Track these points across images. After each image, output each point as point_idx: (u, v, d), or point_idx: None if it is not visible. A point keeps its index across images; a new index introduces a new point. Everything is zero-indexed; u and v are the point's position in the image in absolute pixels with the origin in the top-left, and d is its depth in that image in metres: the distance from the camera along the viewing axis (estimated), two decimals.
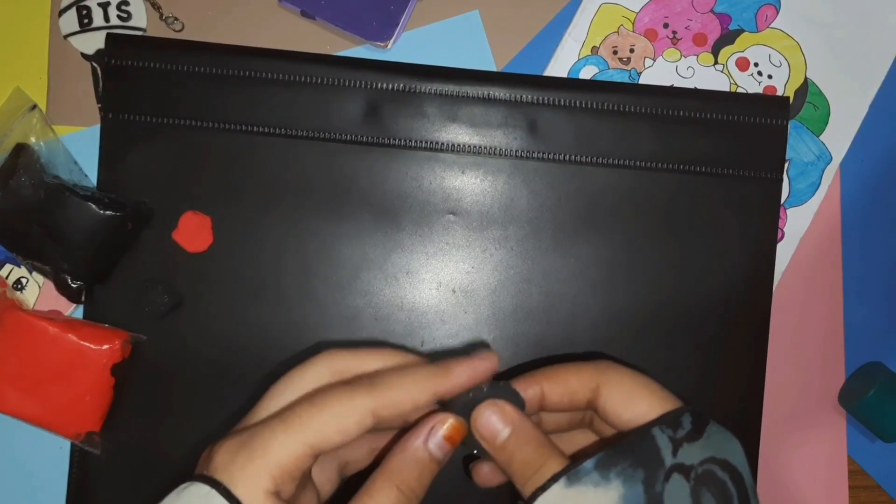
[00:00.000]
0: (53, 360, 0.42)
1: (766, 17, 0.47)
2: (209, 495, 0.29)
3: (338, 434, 0.31)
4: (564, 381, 0.35)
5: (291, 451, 0.30)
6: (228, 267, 0.44)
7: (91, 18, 0.46)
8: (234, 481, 0.30)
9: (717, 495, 0.31)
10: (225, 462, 0.30)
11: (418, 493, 0.32)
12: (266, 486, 0.30)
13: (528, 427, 0.34)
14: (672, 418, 0.32)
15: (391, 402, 0.32)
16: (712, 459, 0.32)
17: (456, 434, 0.33)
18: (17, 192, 0.42)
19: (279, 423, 0.31)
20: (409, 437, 0.33)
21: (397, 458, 0.32)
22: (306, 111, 0.44)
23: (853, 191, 0.48)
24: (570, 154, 0.44)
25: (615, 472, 0.31)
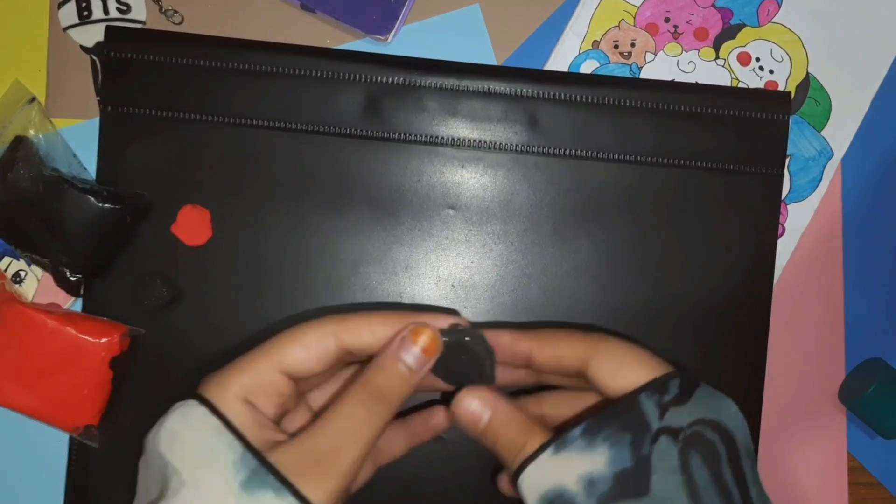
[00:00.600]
0: (52, 354, 0.42)
1: (767, 12, 0.47)
2: (189, 404, 0.33)
3: (301, 351, 0.34)
4: (555, 346, 0.36)
5: (262, 367, 0.34)
6: (227, 261, 0.44)
7: (90, 11, 0.46)
8: (210, 392, 0.33)
9: (706, 455, 0.32)
10: (206, 382, 0.34)
11: (391, 401, 0.34)
12: (236, 392, 0.33)
13: (508, 408, 0.35)
14: (659, 384, 0.33)
15: (353, 328, 0.34)
16: (701, 421, 0.32)
17: (432, 344, 0.34)
18: (15, 185, 0.42)
19: (256, 350, 0.35)
20: (384, 348, 0.35)
21: (370, 366, 0.34)
22: (306, 104, 0.44)
23: (854, 186, 0.48)
24: (571, 148, 0.44)
25: (601, 438, 0.32)
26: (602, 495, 0.31)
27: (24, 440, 0.45)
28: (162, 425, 0.33)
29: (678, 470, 0.31)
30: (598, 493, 0.31)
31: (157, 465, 0.33)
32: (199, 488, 0.31)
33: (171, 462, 0.32)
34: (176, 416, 0.33)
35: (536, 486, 0.32)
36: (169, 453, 0.32)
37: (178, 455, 0.32)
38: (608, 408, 0.33)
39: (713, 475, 0.31)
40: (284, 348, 0.34)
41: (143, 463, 0.34)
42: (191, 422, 0.32)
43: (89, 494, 0.44)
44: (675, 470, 0.31)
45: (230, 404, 0.33)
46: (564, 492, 0.31)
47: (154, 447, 0.33)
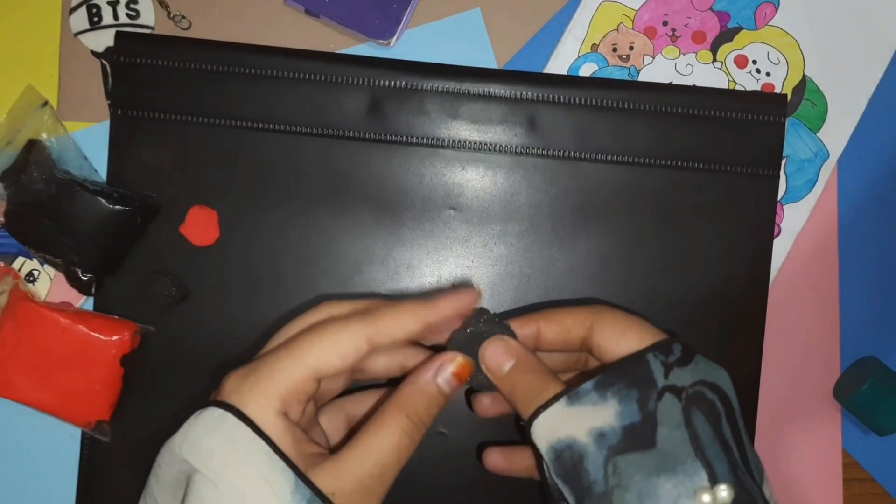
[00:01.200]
0: (64, 351, 0.43)
1: (764, 15, 0.48)
2: (223, 417, 0.32)
3: (337, 358, 0.33)
4: (560, 321, 0.37)
5: (296, 374, 0.33)
6: (234, 260, 0.45)
7: (101, 17, 0.47)
8: (245, 402, 0.32)
9: (707, 413, 0.33)
10: (235, 387, 0.33)
11: (426, 423, 0.35)
12: (275, 405, 0.32)
13: (531, 358, 0.36)
14: (664, 345, 0.35)
15: (384, 328, 0.34)
16: (702, 382, 0.34)
17: (463, 371, 0.36)
18: (29, 187, 0.43)
19: (283, 351, 0.34)
20: (420, 371, 0.36)
21: (408, 389, 0.35)
22: (310, 108, 0.45)
23: (850, 188, 0.48)
24: (570, 150, 0.45)
25: (612, 392, 0.33)
26: (611, 447, 0.32)
27: (39, 434, 0.46)
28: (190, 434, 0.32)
29: (682, 425, 0.32)
30: (608, 444, 0.32)
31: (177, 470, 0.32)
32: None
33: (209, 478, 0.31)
34: (209, 429, 0.32)
35: (548, 436, 0.33)
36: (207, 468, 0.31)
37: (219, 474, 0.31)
38: (618, 363, 0.34)
39: (714, 431, 0.33)
40: (316, 352, 0.33)
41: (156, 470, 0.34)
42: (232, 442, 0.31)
43: (101, 487, 0.45)
44: (679, 425, 0.32)
45: (272, 422, 0.32)
46: (575, 443, 0.33)
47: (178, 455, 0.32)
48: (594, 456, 0.32)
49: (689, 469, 0.31)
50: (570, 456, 0.33)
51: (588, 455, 0.32)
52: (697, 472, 0.31)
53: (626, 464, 0.32)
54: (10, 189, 0.43)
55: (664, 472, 0.31)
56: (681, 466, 0.32)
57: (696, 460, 0.32)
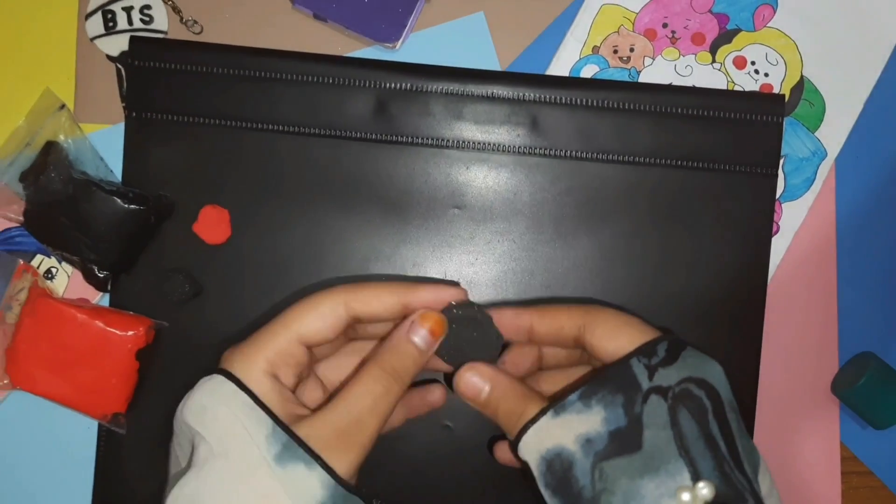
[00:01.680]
0: (82, 345, 0.44)
1: (763, 17, 0.48)
2: (218, 380, 0.35)
3: (318, 320, 0.36)
4: (553, 317, 0.38)
5: (281, 338, 0.36)
6: (245, 258, 0.46)
7: (115, 22, 0.48)
8: (233, 364, 0.35)
9: (693, 409, 0.33)
10: (230, 356, 0.36)
11: (402, 376, 0.36)
12: (261, 366, 0.35)
13: (506, 380, 0.37)
14: (648, 348, 0.35)
15: (362, 297, 0.37)
16: (688, 379, 0.34)
17: (437, 327, 0.37)
18: (47, 187, 0.43)
19: (272, 322, 0.37)
20: (395, 330, 0.37)
21: (383, 346, 0.37)
22: (318, 109, 0.45)
23: (848, 186, 0.49)
24: (571, 150, 0.46)
25: (596, 400, 0.34)
26: (598, 452, 0.33)
27: (57, 426, 0.47)
28: (190, 399, 0.35)
29: (668, 425, 0.33)
30: (594, 450, 0.33)
31: (186, 437, 0.35)
32: (231, 459, 0.33)
33: (200, 433, 0.34)
34: (204, 391, 0.35)
35: (536, 447, 0.34)
36: (198, 425, 0.34)
37: (209, 427, 0.34)
38: (601, 372, 0.35)
39: (700, 427, 0.33)
40: (301, 319, 0.36)
41: (175, 437, 0.36)
42: (219, 397, 0.34)
43: (117, 476, 0.46)
44: (665, 425, 0.33)
45: (256, 379, 0.35)
46: (563, 450, 0.33)
47: (183, 420, 0.35)
48: (582, 462, 0.33)
49: (671, 468, 0.32)
50: (559, 464, 0.33)
51: (576, 462, 0.33)
52: (680, 470, 0.32)
53: (612, 468, 0.32)
54: (29, 189, 0.44)
55: (648, 473, 0.32)
56: (664, 466, 0.32)
57: (679, 459, 0.32)
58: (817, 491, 0.48)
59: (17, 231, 0.47)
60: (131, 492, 0.46)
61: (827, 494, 0.48)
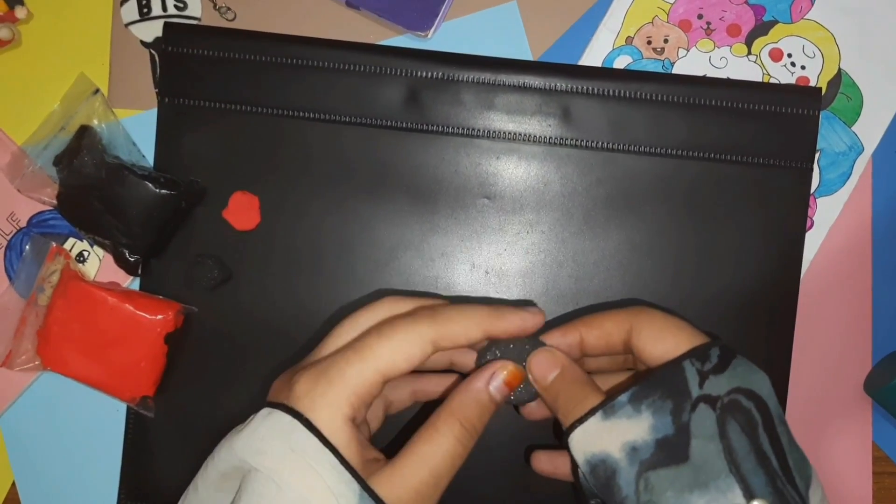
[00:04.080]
0: (112, 328, 0.44)
1: (800, 9, 0.48)
2: (292, 424, 0.32)
3: (405, 361, 0.34)
4: (600, 326, 0.38)
5: (366, 378, 0.33)
6: (274, 244, 0.46)
7: (150, 8, 0.48)
8: (315, 409, 0.33)
9: (742, 422, 0.33)
10: (306, 391, 0.33)
11: (478, 430, 0.35)
12: (345, 412, 0.33)
13: (575, 369, 0.37)
14: (701, 352, 0.34)
15: (449, 333, 0.35)
16: (738, 389, 0.33)
17: (514, 379, 0.36)
18: (80, 171, 0.44)
19: (353, 353, 0.34)
20: (472, 379, 0.36)
21: (460, 396, 0.35)
22: (349, 97, 0.46)
23: (885, 181, 0.48)
24: (603, 141, 0.45)
25: (646, 405, 0.33)
26: (644, 461, 0.32)
27: (86, 408, 0.48)
28: (255, 435, 0.33)
29: (716, 436, 0.32)
30: (639, 459, 0.32)
31: (232, 466, 0.33)
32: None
33: (273, 480, 0.31)
34: (274, 432, 0.32)
35: (583, 449, 0.34)
36: (270, 470, 0.32)
37: (285, 477, 0.31)
38: (654, 374, 0.34)
39: (751, 442, 0.32)
40: (385, 354, 0.34)
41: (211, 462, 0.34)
42: (301, 448, 0.32)
43: (144, 459, 0.46)
44: (713, 437, 0.32)
45: (339, 429, 0.32)
46: (608, 458, 0.33)
47: (240, 456, 0.33)
48: (626, 472, 0.32)
49: (722, 485, 0.31)
50: (603, 470, 0.33)
51: (620, 470, 0.32)
52: (731, 487, 0.31)
53: (658, 479, 0.32)
54: (63, 173, 0.45)
55: (697, 488, 0.31)
56: (714, 482, 0.31)
57: (729, 475, 0.31)
58: (848, 491, 0.48)
59: (51, 214, 0.48)
60: (159, 474, 0.46)
61: (858, 494, 0.48)
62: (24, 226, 0.48)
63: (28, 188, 0.46)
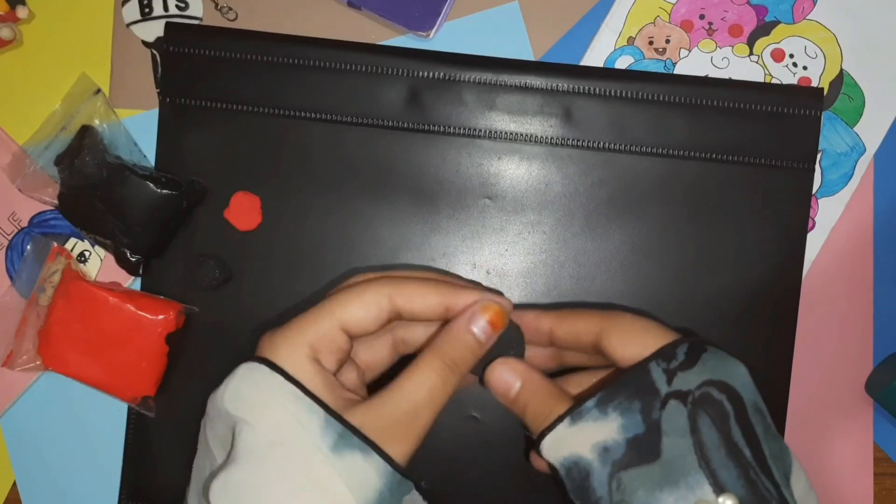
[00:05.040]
0: (113, 328, 0.44)
1: (802, 10, 0.48)
2: (255, 367, 0.34)
3: (361, 310, 0.35)
4: (572, 323, 0.38)
5: (323, 325, 0.35)
6: (275, 245, 0.46)
7: (151, 8, 0.48)
8: (275, 351, 0.34)
9: (714, 415, 0.33)
10: (268, 341, 0.35)
11: (460, 368, 0.36)
12: (304, 351, 0.34)
13: (537, 378, 0.37)
14: (666, 351, 0.34)
15: (406, 291, 0.36)
16: (709, 382, 0.33)
17: (497, 318, 0.36)
18: (81, 171, 0.44)
19: (313, 308, 0.36)
20: (456, 320, 0.36)
21: (443, 336, 0.36)
22: (351, 97, 0.45)
23: (887, 182, 0.48)
24: (605, 142, 0.45)
25: (612, 407, 0.33)
26: (616, 462, 0.32)
27: (87, 408, 0.48)
28: (230, 386, 0.34)
29: (687, 432, 0.32)
30: (611, 459, 0.32)
31: (224, 425, 0.34)
32: (285, 448, 0.32)
33: (246, 421, 0.33)
34: (245, 379, 0.34)
35: (556, 455, 0.34)
36: (243, 414, 0.33)
37: (256, 417, 0.33)
38: (619, 378, 0.34)
39: (722, 435, 0.32)
40: (344, 306, 0.35)
41: (207, 422, 0.36)
42: (264, 385, 0.33)
43: (145, 459, 0.46)
44: (684, 432, 0.32)
45: (300, 365, 0.34)
46: (580, 459, 0.33)
47: (222, 407, 0.34)
48: (599, 472, 0.33)
49: (691, 481, 0.31)
50: (577, 472, 0.33)
51: (593, 472, 0.33)
52: (700, 483, 0.31)
53: (630, 479, 0.32)
54: (64, 173, 0.45)
55: (667, 486, 0.31)
56: (684, 479, 0.31)
57: (699, 471, 0.31)
58: (849, 492, 0.48)
59: (52, 214, 0.48)
60: (159, 474, 0.46)
61: (859, 495, 0.48)
62: (25, 226, 0.48)
63: (29, 188, 0.46)
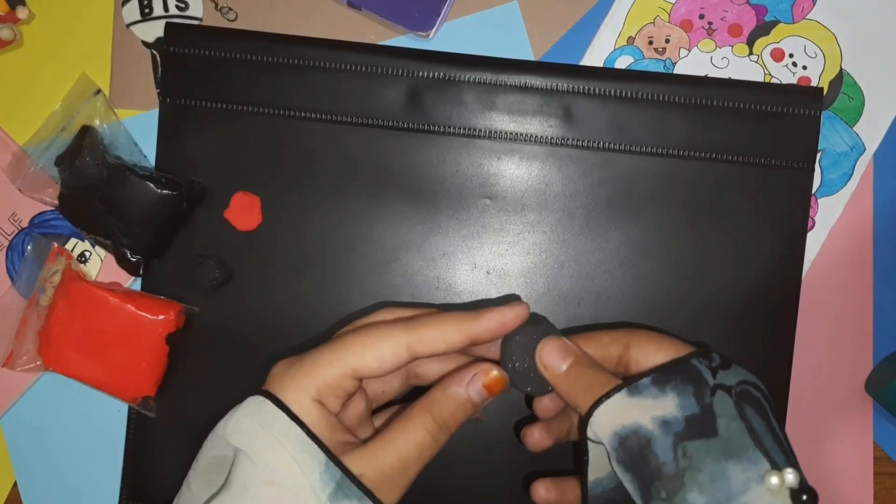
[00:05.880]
0: (113, 329, 0.44)
1: (802, 9, 0.48)
2: (262, 403, 0.34)
3: (375, 360, 0.35)
4: (598, 339, 0.39)
5: (334, 369, 0.35)
6: (276, 245, 0.46)
7: (151, 8, 0.48)
8: (284, 388, 0.34)
9: (756, 407, 0.35)
10: (278, 374, 0.35)
11: (450, 427, 0.36)
12: (311, 394, 0.34)
13: (587, 357, 0.38)
14: (705, 353, 0.36)
15: (425, 338, 0.35)
16: (745, 381, 0.36)
17: (495, 385, 0.36)
18: (82, 172, 0.44)
19: (327, 346, 0.36)
20: (451, 378, 0.36)
21: (437, 393, 0.36)
22: (351, 97, 0.46)
23: (886, 182, 0.48)
24: (605, 141, 0.46)
25: (670, 387, 0.35)
26: (678, 433, 0.33)
27: (88, 408, 0.48)
28: (234, 418, 0.34)
29: (738, 417, 0.34)
30: (673, 431, 0.33)
31: (224, 454, 0.34)
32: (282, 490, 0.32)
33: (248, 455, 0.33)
34: (251, 414, 0.34)
35: (611, 423, 0.34)
36: (245, 447, 0.33)
37: (257, 453, 0.33)
38: (668, 364, 0.36)
39: (766, 424, 0.34)
40: (358, 354, 0.35)
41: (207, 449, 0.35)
42: (269, 424, 0.33)
43: (145, 459, 0.46)
44: (735, 417, 0.34)
45: (308, 408, 0.34)
46: (640, 428, 0.34)
47: (224, 438, 0.34)
48: (662, 440, 0.33)
49: (752, 457, 0.33)
50: (636, 441, 0.34)
51: (655, 439, 0.33)
52: (759, 459, 0.33)
53: (695, 448, 0.33)
54: (64, 173, 0.45)
55: (731, 458, 0.33)
56: (745, 454, 0.33)
57: (756, 449, 0.33)
58: (849, 491, 0.48)
59: (52, 214, 0.48)
60: (160, 474, 0.46)
61: (858, 494, 0.48)
62: (25, 226, 0.48)
63: (29, 188, 0.46)
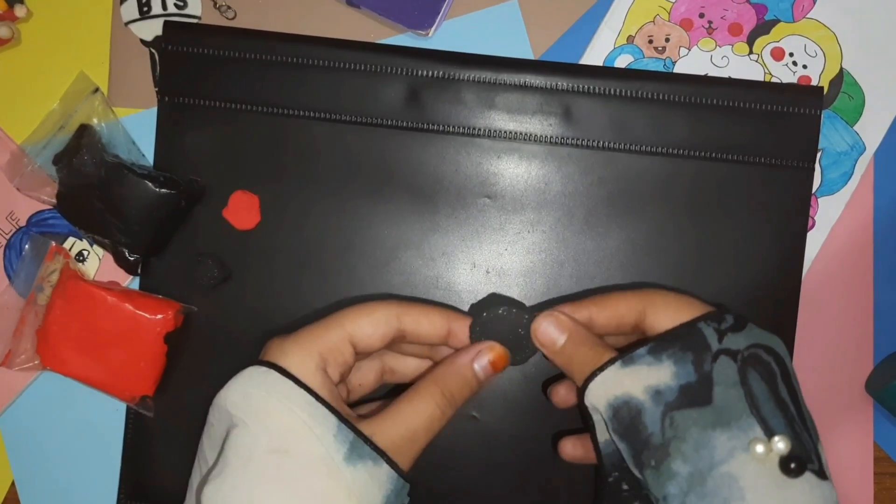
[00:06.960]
0: (111, 328, 0.44)
1: (802, 8, 0.48)
2: (266, 372, 0.34)
3: (370, 326, 0.37)
4: (613, 306, 0.39)
5: (333, 335, 0.36)
6: (274, 244, 0.46)
7: (150, 6, 0.48)
8: (286, 358, 0.35)
9: (763, 373, 0.34)
10: (277, 347, 0.36)
11: (457, 402, 0.37)
12: (315, 360, 0.35)
13: (582, 331, 0.38)
14: (716, 315, 0.36)
15: (412, 312, 0.38)
16: (757, 345, 0.35)
17: (499, 361, 0.38)
18: (80, 170, 0.44)
19: (325, 320, 0.37)
20: (459, 354, 0.38)
21: (444, 368, 0.37)
22: (350, 96, 0.45)
23: (886, 181, 0.48)
24: (604, 141, 0.45)
25: (666, 355, 0.35)
26: (668, 403, 0.34)
27: (86, 408, 0.48)
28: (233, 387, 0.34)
29: (737, 384, 0.34)
30: (664, 401, 0.34)
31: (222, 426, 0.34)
32: (293, 456, 0.32)
33: (246, 423, 0.33)
34: (251, 381, 0.34)
35: (604, 395, 0.35)
36: (246, 416, 0.33)
37: (261, 421, 0.33)
38: (671, 331, 0.36)
39: (770, 390, 0.34)
40: (355, 321, 0.37)
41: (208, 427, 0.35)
42: (272, 390, 0.34)
43: (144, 459, 0.46)
44: (735, 384, 0.34)
45: (311, 374, 0.35)
46: (631, 399, 0.34)
47: (224, 408, 0.34)
48: (651, 411, 0.34)
49: (743, 424, 0.33)
50: (627, 412, 0.34)
51: (645, 410, 0.34)
52: (751, 426, 0.33)
53: (683, 418, 0.33)
54: (63, 172, 0.45)
55: (719, 426, 0.33)
56: (736, 421, 0.33)
57: (750, 416, 0.33)
58: (849, 491, 0.48)
59: (50, 213, 0.48)
60: (158, 474, 0.46)
61: (859, 495, 0.48)
62: (23, 225, 0.48)
63: (27, 187, 0.46)
